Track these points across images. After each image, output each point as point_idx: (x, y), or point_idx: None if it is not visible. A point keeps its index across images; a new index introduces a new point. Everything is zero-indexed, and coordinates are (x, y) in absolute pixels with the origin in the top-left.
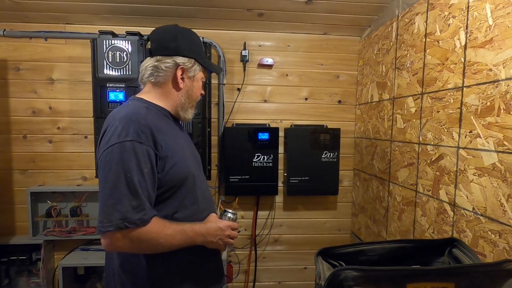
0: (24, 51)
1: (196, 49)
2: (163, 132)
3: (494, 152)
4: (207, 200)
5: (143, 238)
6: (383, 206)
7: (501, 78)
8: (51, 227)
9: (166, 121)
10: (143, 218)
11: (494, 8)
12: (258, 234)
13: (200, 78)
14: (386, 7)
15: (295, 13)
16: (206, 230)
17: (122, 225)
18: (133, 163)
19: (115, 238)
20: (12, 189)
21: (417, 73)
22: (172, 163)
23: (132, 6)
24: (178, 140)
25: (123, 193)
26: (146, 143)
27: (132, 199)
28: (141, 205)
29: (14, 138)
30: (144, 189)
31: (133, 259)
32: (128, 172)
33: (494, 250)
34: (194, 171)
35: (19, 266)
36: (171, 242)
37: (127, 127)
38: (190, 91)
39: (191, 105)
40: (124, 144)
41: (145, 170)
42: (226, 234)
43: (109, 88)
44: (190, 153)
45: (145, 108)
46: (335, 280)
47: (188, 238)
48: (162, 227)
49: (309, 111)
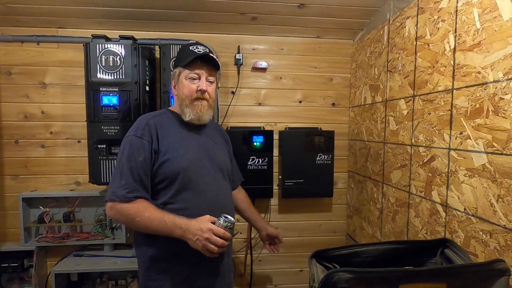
0: (16, 55)
1: (179, 57)
2: (165, 132)
3: (483, 153)
4: (210, 201)
5: (123, 212)
6: (377, 207)
7: (489, 80)
8: (44, 233)
9: (176, 124)
10: (125, 195)
11: (482, 12)
12: (253, 237)
13: (184, 77)
14: (377, 11)
15: (288, 17)
16: (187, 225)
17: (111, 197)
18: (129, 152)
19: (109, 206)
20: (4, 194)
21: (408, 75)
22: (166, 157)
23: (125, 10)
24: (185, 141)
25: (118, 174)
26: (144, 137)
27: (122, 179)
28: (127, 185)
29: (5, 143)
30: (135, 173)
31: (137, 235)
32: (124, 158)
33: (485, 250)
34: (196, 171)
35: (11, 273)
36: (147, 224)
37: (134, 125)
38: (179, 93)
39: (185, 104)
40: (128, 137)
41: (139, 158)
42: (205, 237)
43: (103, 92)
44: (201, 156)
45: (160, 113)
46: (329, 282)
47: (165, 227)
48: (143, 209)
49: (303, 113)
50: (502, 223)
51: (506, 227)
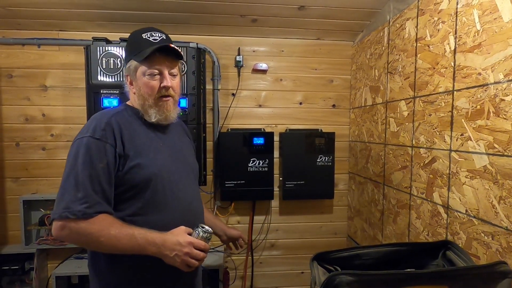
0: (16, 58)
1: (131, 49)
2: (130, 132)
3: (485, 154)
4: (182, 211)
5: (81, 232)
6: (378, 209)
7: (490, 82)
8: (44, 236)
9: (141, 123)
10: (84, 210)
11: (482, 13)
12: (254, 239)
13: (141, 74)
14: (377, 12)
15: (289, 19)
16: (162, 241)
17: (63, 214)
18: (86, 157)
19: (58, 226)
20: (5, 197)
21: (409, 77)
22: (134, 162)
23: (125, 12)
24: (153, 143)
25: (71, 184)
26: (104, 139)
27: (78, 191)
28: (86, 198)
29: (6, 146)
30: (95, 183)
31: (95, 255)
32: (79, 165)
33: (487, 252)
34: (167, 176)
35: (12, 276)
36: (114, 244)
37: (90, 125)
38: (139, 92)
39: (149, 104)
40: (82, 139)
41: (99, 165)
42: (185, 252)
43: (103, 94)
44: (172, 159)
45: (121, 109)
46: (330, 285)
47: (136, 245)
48: (107, 226)
49: (304, 115)
50: (504, 225)
51: (508, 228)
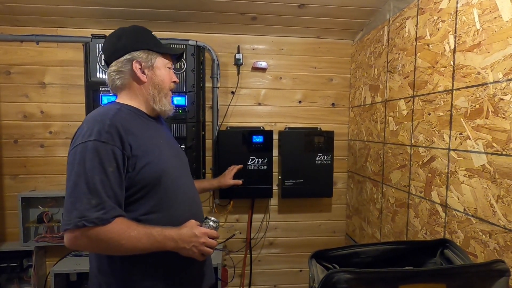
0: (15, 54)
1: (145, 40)
2: (134, 132)
3: (483, 153)
4: (190, 204)
5: (102, 238)
6: (376, 207)
7: (489, 81)
8: (43, 233)
9: (140, 121)
10: (102, 217)
11: (482, 12)
12: (253, 237)
13: (163, 65)
14: (377, 11)
15: (288, 17)
16: (179, 235)
17: (80, 223)
18: (95, 162)
19: (74, 236)
20: (3, 194)
21: (408, 76)
22: (144, 162)
23: (125, 9)
24: (155, 140)
25: (82, 191)
26: (111, 142)
27: (92, 197)
28: (101, 204)
29: (4, 143)
30: (107, 188)
31: (108, 260)
32: (88, 171)
33: (485, 250)
34: (173, 172)
35: (10, 273)
36: (135, 245)
37: (92, 127)
38: (156, 81)
39: (164, 94)
40: (87, 144)
41: (109, 169)
42: (201, 242)
43: (102, 92)
44: (171, 154)
45: (117, 109)
46: (328, 283)
47: (156, 242)
48: (126, 228)
49: (303, 114)
50: (502, 224)
51: (506, 227)
